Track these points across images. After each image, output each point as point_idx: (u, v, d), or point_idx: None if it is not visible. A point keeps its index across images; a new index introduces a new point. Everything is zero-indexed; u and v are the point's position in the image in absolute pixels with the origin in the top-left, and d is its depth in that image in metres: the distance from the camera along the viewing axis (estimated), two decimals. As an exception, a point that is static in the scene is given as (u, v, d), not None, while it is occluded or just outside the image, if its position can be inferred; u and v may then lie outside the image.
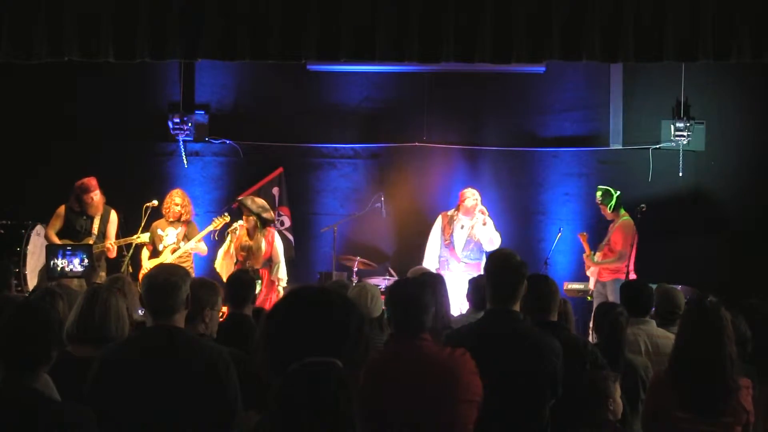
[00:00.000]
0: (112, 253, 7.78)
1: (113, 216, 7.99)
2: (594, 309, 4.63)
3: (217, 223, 7.86)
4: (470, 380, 3.13)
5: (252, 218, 7.53)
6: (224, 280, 6.98)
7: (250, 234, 7.62)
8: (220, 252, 7.68)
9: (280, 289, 7.70)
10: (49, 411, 2.66)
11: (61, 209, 7.88)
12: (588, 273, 8.13)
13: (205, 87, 9.75)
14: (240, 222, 7.67)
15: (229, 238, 7.66)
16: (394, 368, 3.15)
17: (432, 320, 3.29)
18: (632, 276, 7.82)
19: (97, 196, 7.82)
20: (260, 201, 7.84)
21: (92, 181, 7.82)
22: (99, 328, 3.54)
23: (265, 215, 7.61)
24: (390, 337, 3.34)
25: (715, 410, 3.30)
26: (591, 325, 5.59)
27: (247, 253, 7.51)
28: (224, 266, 7.58)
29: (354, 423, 1.94)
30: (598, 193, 8.18)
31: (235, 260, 7.58)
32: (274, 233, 7.77)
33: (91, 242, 7.70)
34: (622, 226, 7.99)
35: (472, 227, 8.00)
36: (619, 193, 8.10)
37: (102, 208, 7.91)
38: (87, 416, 2.70)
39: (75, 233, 7.79)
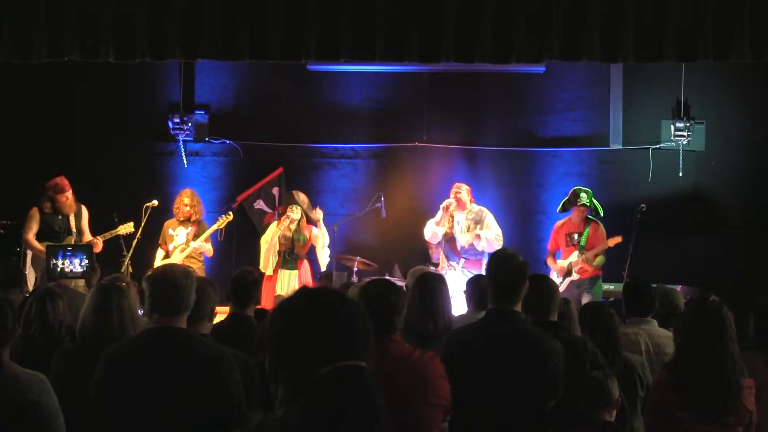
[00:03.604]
0: (99, 247, 7.58)
1: (84, 211, 7.88)
2: (581, 308, 4.62)
3: (221, 222, 8.10)
4: (438, 384, 3.15)
5: (299, 210, 7.85)
6: (268, 269, 7.62)
7: (296, 225, 7.88)
8: (265, 241, 7.86)
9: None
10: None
11: (34, 211, 7.67)
12: (569, 277, 7.97)
13: (205, 87, 9.75)
14: (291, 213, 7.85)
15: (274, 225, 7.91)
16: None
17: (403, 321, 3.29)
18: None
19: (70, 195, 7.70)
20: (305, 198, 8.10)
21: (64, 181, 7.71)
22: (119, 334, 3.56)
23: (309, 213, 7.99)
24: None
25: (716, 410, 3.30)
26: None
27: (291, 243, 7.85)
28: (268, 254, 7.80)
29: (387, 422, 2.00)
30: (584, 196, 7.94)
31: (276, 249, 7.84)
32: (311, 227, 8.06)
33: (72, 241, 7.57)
34: (601, 229, 8.02)
35: (468, 225, 7.87)
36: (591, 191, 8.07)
37: (75, 205, 7.79)
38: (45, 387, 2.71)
39: (55, 234, 7.62)
